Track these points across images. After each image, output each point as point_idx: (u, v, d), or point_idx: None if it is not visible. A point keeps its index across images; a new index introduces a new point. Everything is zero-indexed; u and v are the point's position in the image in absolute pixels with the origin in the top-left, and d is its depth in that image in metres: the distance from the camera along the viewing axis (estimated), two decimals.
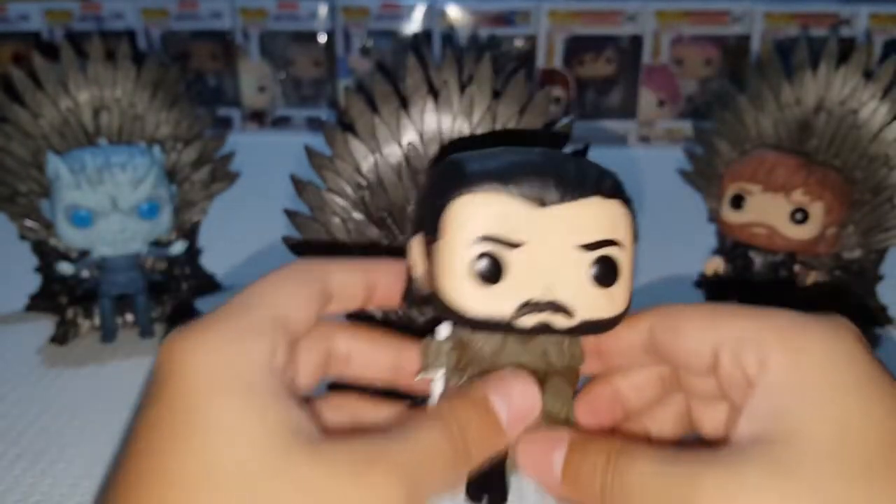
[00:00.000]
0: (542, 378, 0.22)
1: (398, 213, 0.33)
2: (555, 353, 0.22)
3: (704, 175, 0.47)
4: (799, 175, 0.39)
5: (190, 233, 0.48)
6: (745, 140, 0.45)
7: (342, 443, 0.18)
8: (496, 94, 0.32)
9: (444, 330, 0.22)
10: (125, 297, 0.44)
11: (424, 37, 0.83)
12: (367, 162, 0.33)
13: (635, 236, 0.21)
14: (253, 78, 0.86)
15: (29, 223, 0.45)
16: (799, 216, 0.40)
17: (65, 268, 0.43)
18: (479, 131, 0.32)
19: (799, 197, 0.39)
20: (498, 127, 0.32)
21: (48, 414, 0.37)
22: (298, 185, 0.33)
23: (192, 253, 0.49)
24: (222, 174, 0.48)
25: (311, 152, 0.33)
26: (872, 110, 0.42)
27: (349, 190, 0.33)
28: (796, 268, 0.43)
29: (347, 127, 0.33)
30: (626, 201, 0.21)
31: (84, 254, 0.43)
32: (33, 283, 0.48)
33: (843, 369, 0.19)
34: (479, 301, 0.20)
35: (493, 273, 0.20)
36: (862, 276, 0.45)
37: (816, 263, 0.44)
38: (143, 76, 0.45)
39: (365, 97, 0.33)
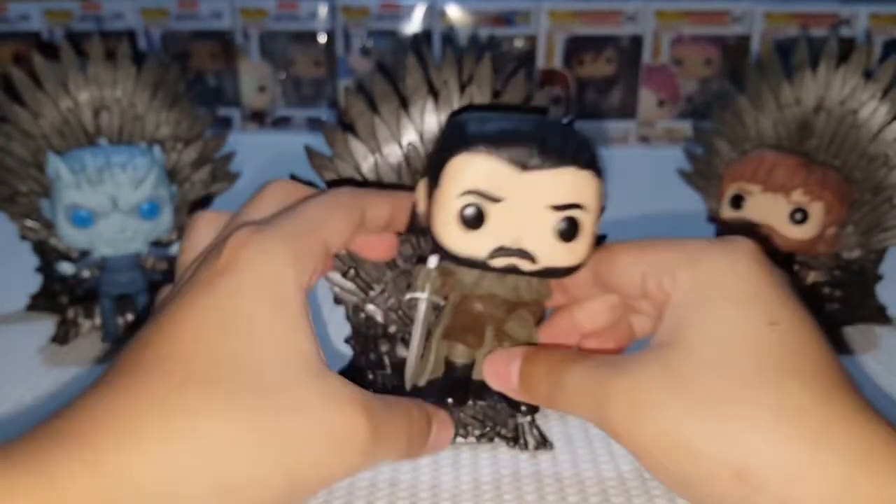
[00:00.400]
0: (511, 308, 0.27)
1: None
2: (524, 288, 0.27)
3: (704, 175, 0.47)
4: (798, 175, 0.40)
5: None
6: (745, 140, 0.45)
7: (336, 378, 0.22)
8: (496, 94, 0.32)
9: (433, 260, 0.27)
10: (126, 297, 0.44)
11: (424, 37, 0.84)
12: (367, 162, 0.33)
13: (602, 203, 0.25)
14: (253, 78, 0.87)
15: (29, 223, 0.45)
16: (798, 216, 0.40)
17: (65, 268, 0.43)
18: None
19: (798, 197, 0.39)
20: None
21: (49, 413, 0.37)
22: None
23: None
24: (223, 174, 0.48)
25: (311, 152, 0.33)
26: (872, 110, 0.42)
27: None
28: (795, 268, 0.43)
29: (347, 127, 0.33)
30: (598, 172, 0.25)
31: (85, 254, 0.43)
32: (34, 282, 0.48)
33: (736, 282, 0.22)
34: (462, 242, 0.25)
35: (474, 221, 0.24)
36: (861, 275, 0.45)
37: (816, 263, 0.44)
38: (144, 76, 0.45)
39: (365, 97, 0.33)
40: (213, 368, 0.20)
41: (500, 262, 0.25)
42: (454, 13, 0.83)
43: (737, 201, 0.41)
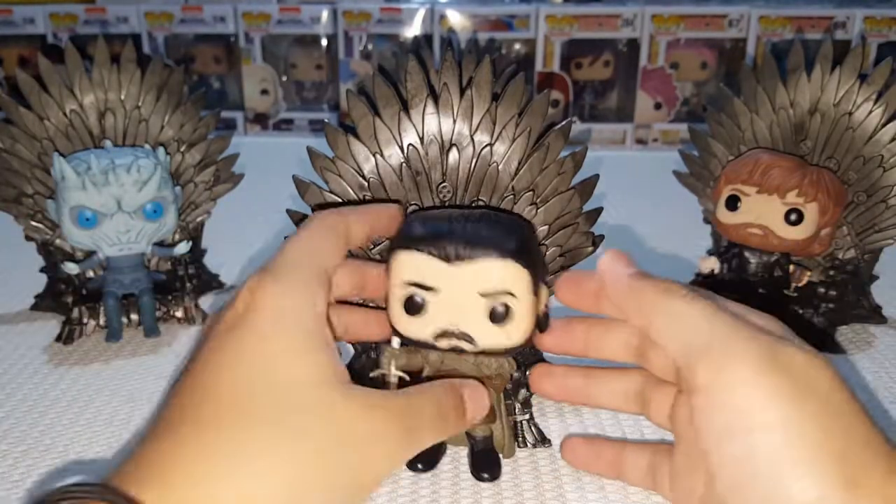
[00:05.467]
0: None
1: None
2: (485, 364, 0.30)
3: (700, 177, 0.48)
4: (794, 176, 0.40)
5: (194, 233, 0.49)
6: (741, 142, 0.46)
7: (360, 389, 0.23)
8: (495, 97, 0.33)
9: (395, 341, 0.29)
10: (130, 297, 0.45)
11: (425, 40, 0.84)
12: (368, 163, 0.33)
13: (536, 287, 0.28)
14: (256, 81, 0.87)
15: (34, 224, 0.45)
16: (793, 217, 0.40)
17: (70, 268, 0.44)
18: (479, 133, 0.33)
19: (793, 198, 0.40)
20: (497, 129, 0.33)
21: (53, 412, 0.38)
22: (301, 186, 0.34)
23: (197, 253, 0.50)
24: (226, 176, 0.49)
25: (313, 154, 0.34)
26: (867, 112, 0.43)
27: (351, 191, 0.34)
28: (791, 268, 0.44)
29: (349, 129, 0.33)
30: (526, 261, 0.27)
31: (89, 254, 0.44)
32: (39, 282, 0.48)
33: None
34: (409, 326, 0.28)
35: (415, 308, 0.28)
36: (856, 276, 0.46)
37: (811, 264, 0.45)
38: (148, 79, 0.46)
39: (366, 100, 0.33)
40: (256, 407, 0.21)
41: (444, 343, 0.28)
42: (454, 17, 0.84)
43: (732, 202, 0.42)
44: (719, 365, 0.21)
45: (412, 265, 0.28)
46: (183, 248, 0.46)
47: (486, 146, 0.33)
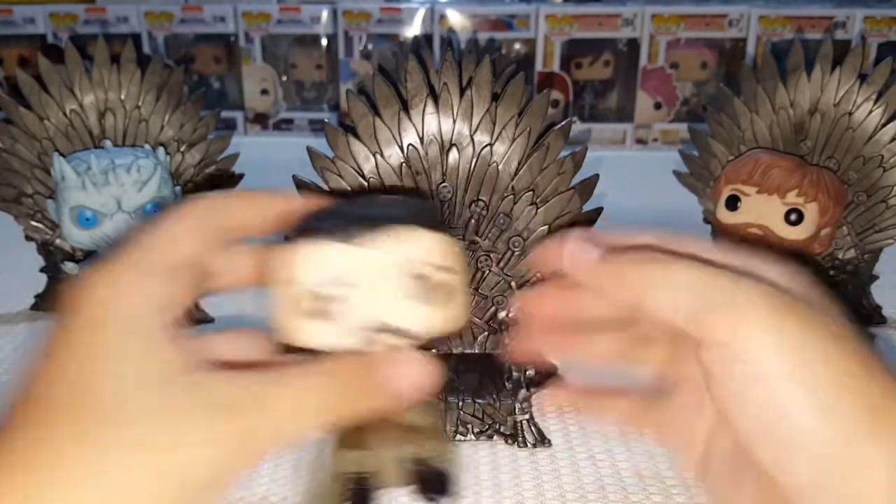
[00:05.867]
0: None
1: None
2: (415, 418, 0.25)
3: (700, 177, 0.48)
4: (794, 176, 0.40)
5: None
6: (741, 142, 0.46)
7: (213, 377, 0.21)
8: (495, 97, 0.33)
9: None
10: None
11: (425, 40, 0.84)
12: (368, 163, 0.34)
13: (459, 258, 0.23)
14: (256, 81, 0.87)
15: (35, 224, 0.45)
16: (793, 217, 0.40)
17: (71, 268, 0.44)
18: (479, 133, 0.33)
19: (793, 198, 0.40)
20: (497, 129, 0.33)
21: None
22: (301, 185, 0.34)
23: None
24: (226, 176, 0.49)
25: (313, 153, 0.34)
26: (867, 112, 0.43)
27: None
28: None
29: (349, 129, 0.33)
30: (445, 231, 0.23)
31: (90, 254, 0.44)
32: (39, 282, 0.48)
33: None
34: (314, 336, 0.22)
35: (325, 313, 0.22)
36: (856, 276, 0.46)
37: (811, 264, 0.45)
38: (148, 79, 0.46)
39: (366, 100, 0.33)
40: (79, 406, 0.20)
41: (369, 345, 0.23)
42: (454, 17, 0.84)
43: (732, 202, 0.42)
44: (734, 321, 0.21)
45: (314, 262, 0.22)
46: None
47: (485, 146, 0.33)
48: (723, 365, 0.21)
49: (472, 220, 0.34)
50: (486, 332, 0.36)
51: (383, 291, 0.22)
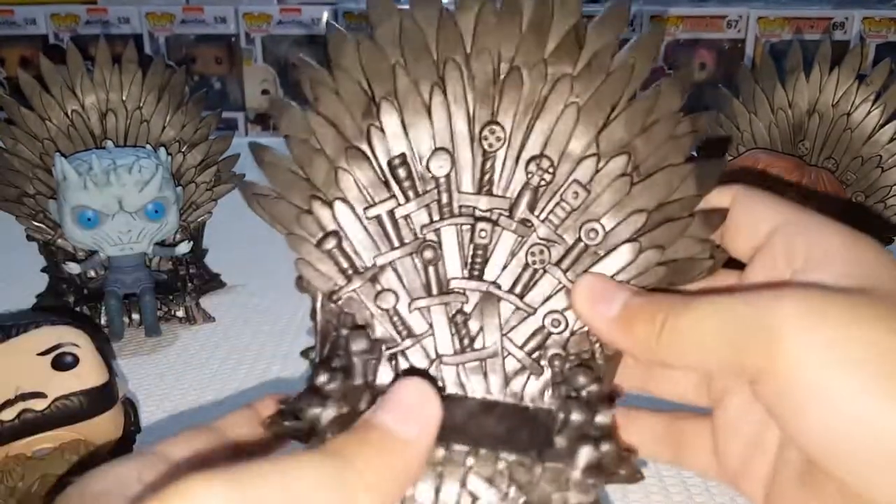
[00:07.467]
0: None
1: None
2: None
3: None
4: (792, 177, 0.40)
5: (195, 233, 0.49)
6: (739, 143, 0.46)
7: None
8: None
9: None
10: (131, 297, 0.45)
11: None
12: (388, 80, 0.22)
13: (94, 338, 0.31)
14: (256, 81, 0.87)
15: (36, 224, 0.45)
16: None
17: (72, 268, 0.44)
18: (553, 64, 0.23)
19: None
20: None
21: None
22: (276, 106, 0.23)
23: (198, 253, 0.50)
24: (227, 176, 0.49)
25: (303, 63, 0.22)
26: (865, 113, 0.43)
27: (349, 116, 0.22)
28: None
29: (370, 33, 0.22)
30: (77, 325, 0.31)
31: (91, 254, 0.44)
32: (41, 282, 0.48)
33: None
34: None
35: None
36: None
37: None
38: (149, 80, 0.46)
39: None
40: None
41: (6, 414, 0.28)
42: None
43: None
44: (769, 352, 0.18)
45: None
46: (184, 248, 0.46)
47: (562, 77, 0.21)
48: (779, 398, 0.19)
49: (528, 188, 0.21)
50: (527, 371, 0.21)
51: (22, 366, 0.29)
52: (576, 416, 0.20)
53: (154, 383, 0.41)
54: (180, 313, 0.47)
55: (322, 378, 0.20)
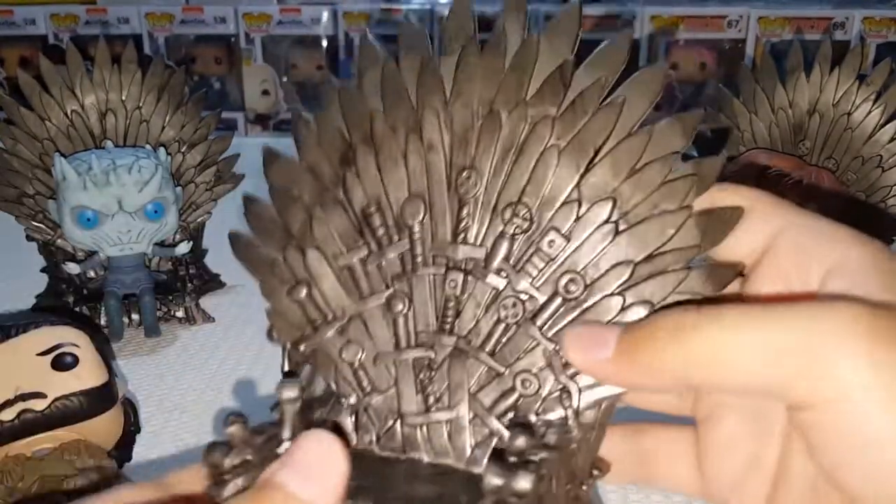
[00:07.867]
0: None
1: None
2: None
3: None
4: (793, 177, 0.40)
5: (195, 233, 0.49)
6: (740, 142, 0.46)
7: None
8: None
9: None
10: (131, 297, 0.45)
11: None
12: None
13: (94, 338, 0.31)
14: (256, 81, 0.87)
15: (36, 224, 0.45)
16: None
17: (72, 268, 0.44)
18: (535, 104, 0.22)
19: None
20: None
21: None
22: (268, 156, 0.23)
23: (198, 253, 0.50)
24: (227, 176, 0.49)
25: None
26: (866, 112, 0.43)
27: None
28: None
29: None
30: (76, 325, 0.32)
31: (91, 254, 0.44)
32: (40, 282, 0.48)
33: None
34: None
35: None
36: None
37: None
38: (149, 80, 0.46)
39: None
40: None
41: (7, 414, 0.28)
42: None
43: None
44: (831, 377, 0.16)
45: None
46: (184, 248, 0.46)
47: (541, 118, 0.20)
48: (822, 431, 0.16)
49: (504, 237, 0.20)
50: (493, 435, 0.19)
51: (23, 366, 0.30)
52: (494, 481, 0.17)
53: (154, 383, 0.41)
54: (180, 313, 0.47)
55: (232, 428, 0.18)
